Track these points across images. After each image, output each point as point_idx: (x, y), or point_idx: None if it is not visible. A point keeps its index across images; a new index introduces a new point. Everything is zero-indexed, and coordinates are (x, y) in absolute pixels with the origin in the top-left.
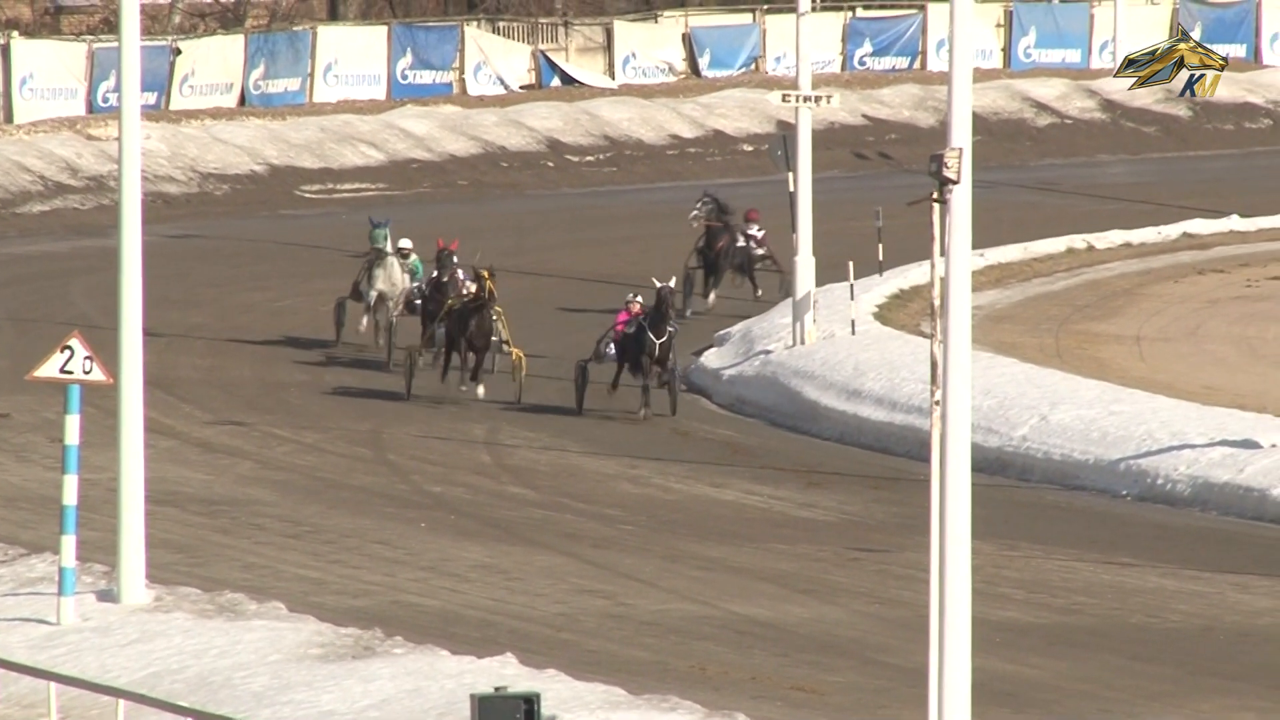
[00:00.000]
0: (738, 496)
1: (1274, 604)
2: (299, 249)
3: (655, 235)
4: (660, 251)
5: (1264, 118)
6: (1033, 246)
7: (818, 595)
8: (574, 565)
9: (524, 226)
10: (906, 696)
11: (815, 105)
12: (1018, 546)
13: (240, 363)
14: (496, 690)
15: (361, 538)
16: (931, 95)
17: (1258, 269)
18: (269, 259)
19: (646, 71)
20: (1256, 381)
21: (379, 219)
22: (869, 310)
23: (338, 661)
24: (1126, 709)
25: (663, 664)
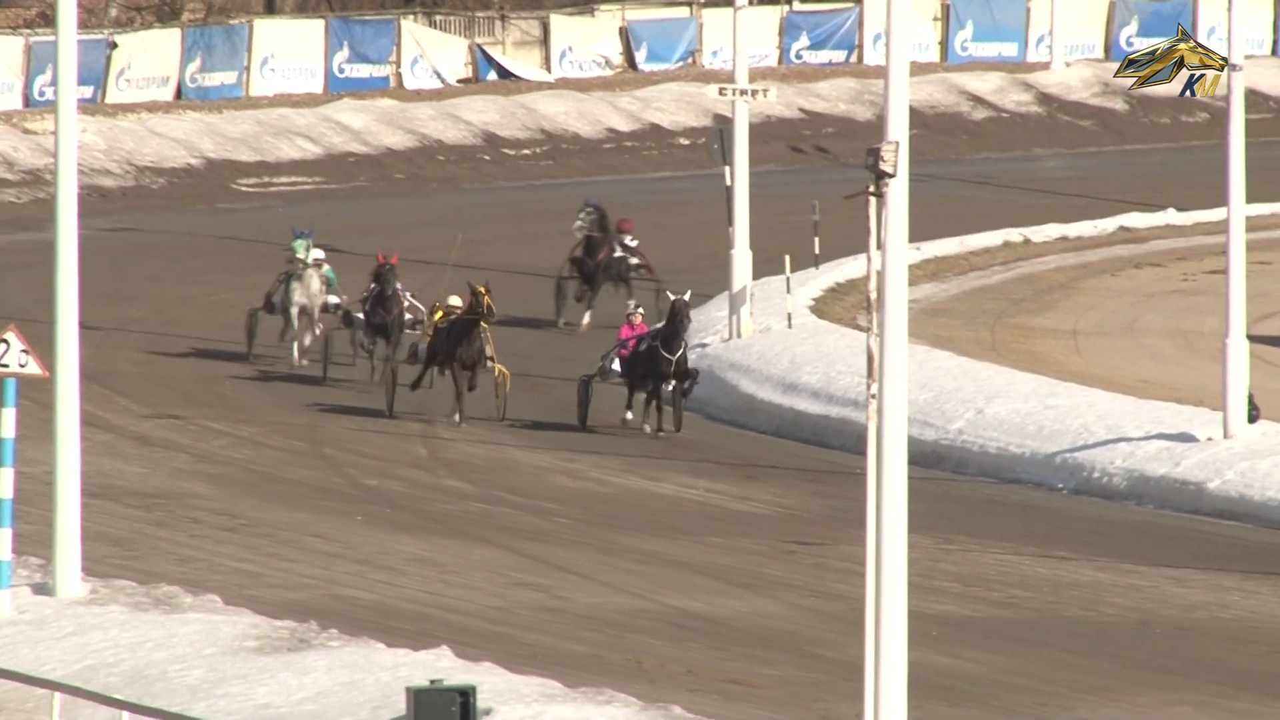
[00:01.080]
0: (674, 490)
1: (1210, 598)
2: (235, 243)
3: None
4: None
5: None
6: (969, 240)
7: (754, 589)
8: (510, 558)
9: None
10: (842, 690)
11: (752, 99)
12: (954, 540)
13: (176, 356)
14: (432, 683)
15: (297, 531)
16: (868, 89)
17: (1194, 263)
18: (205, 253)
19: (583, 65)
20: (1192, 375)
21: (301, 229)
22: (805, 304)
23: (273, 654)
24: (1063, 703)
25: (598, 657)
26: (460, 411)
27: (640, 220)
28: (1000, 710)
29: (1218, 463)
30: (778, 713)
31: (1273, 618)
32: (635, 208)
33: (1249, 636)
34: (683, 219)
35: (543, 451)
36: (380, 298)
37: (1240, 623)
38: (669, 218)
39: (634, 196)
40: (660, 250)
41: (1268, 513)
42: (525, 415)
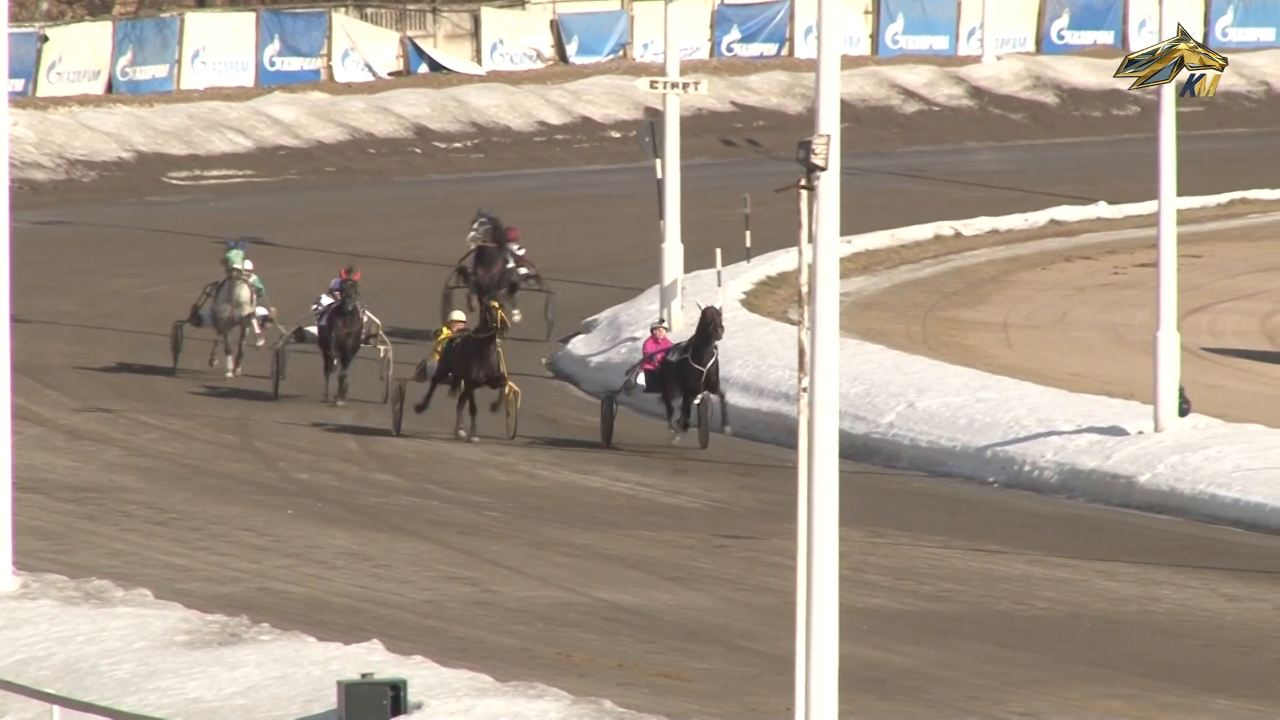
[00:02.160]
0: (605, 483)
1: (1140, 591)
2: (167, 236)
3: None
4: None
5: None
6: (900, 233)
7: (684, 582)
8: (441, 552)
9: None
10: (773, 683)
11: (683, 92)
12: (885, 534)
13: (108, 350)
14: (363, 677)
15: (228, 525)
16: (799, 82)
17: (1125, 256)
18: (137, 246)
19: (514, 58)
20: (1123, 368)
21: (234, 240)
22: (736, 297)
23: (204, 648)
24: (993, 696)
25: (529, 651)
26: (473, 427)
27: (571, 213)
28: (931, 703)
29: (1149, 456)
30: (708, 706)
31: (1203, 611)
32: (566, 200)
33: (1180, 630)
34: (613, 212)
35: (473, 445)
36: (339, 311)
37: (1171, 616)
38: (600, 211)
39: (565, 189)
40: (591, 244)
41: (1198, 506)
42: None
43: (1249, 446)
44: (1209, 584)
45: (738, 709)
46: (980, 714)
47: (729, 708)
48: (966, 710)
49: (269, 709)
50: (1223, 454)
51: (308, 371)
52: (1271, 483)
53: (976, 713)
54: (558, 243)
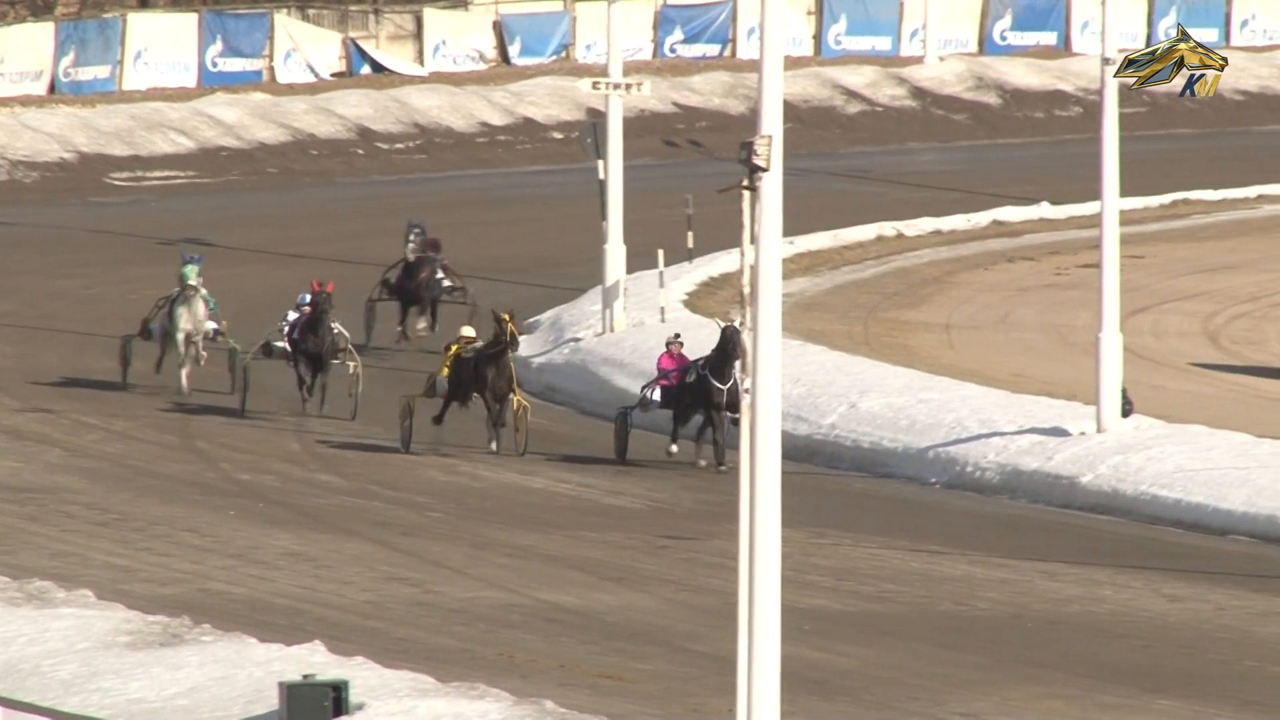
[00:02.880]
0: (547, 484)
1: (1082, 592)
2: (109, 237)
3: (465, 223)
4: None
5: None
6: (843, 234)
7: (627, 583)
8: (383, 553)
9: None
10: (715, 684)
11: (626, 93)
12: (827, 534)
13: (50, 350)
14: (305, 678)
15: (170, 525)
16: (742, 82)
17: (1067, 257)
18: (79, 247)
19: (457, 59)
20: (1066, 369)
21: (190, 254)
22: (679, 298)
23: (146, 649)
24: (935, 697)
25: (471, 652)
26: (497, 439)
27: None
28: (872, 704)
29: (1090, 457)
30: (650, 707)
31: (1144, 612)
32: (509, 202)
33: (1121, 631)
34: (556, 213)
35: (415, 445)
36: (312, 325)
37: (1112, 617)
38: (542, 212)
39: (507, 190)
40: (533, 244)
41: (1140, 507)
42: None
43: (1191, 447)
44: (1150, 584)
45: (680, 710)
46: (922, 715)
47: (671, 709)
48: (908, 711)
49: (211, 710)
50: (1165, 455)
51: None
52: (1213, 483)
53: (918, 713)
54: (500, 244)
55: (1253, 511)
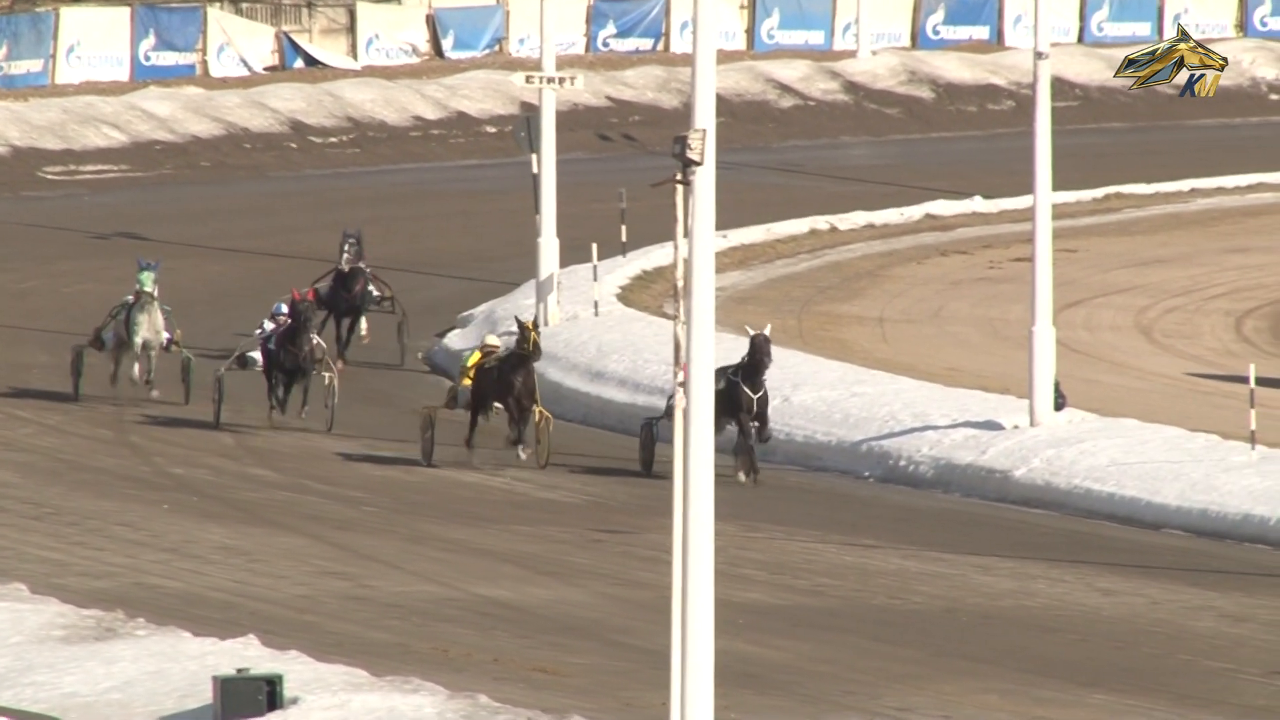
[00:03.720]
0: (480, 479)
1: (1016, 586)
2: (42, 230)
3: (397, 216)
4: (404, 235)
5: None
6: (776, 228)
7: (560, 577)
8: (317, 547)
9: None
10: (649, 678)
11: (559, 87)
12: (760, 528)
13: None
14: (239, 672)
15: (104, 519)
16: (675, 77)
17: (1000, 250)
18: (11, 241)
19: (390, 53)
20: (999, 363)
21: (147, 261)
22: (612, 292)
23: (80, 643)
24: (870, 690)
25: (405, 646)
26: (523, 446)
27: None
28: (806, 698)
29: (1024, 450)
30: (584, 701)
31: (1078, 606)
32: (442, 195)
33: (1055, 624)
34: (490, 207)
35: (349, 440)
36: (292, 335)
37: (1046, 610)
38: (476, 206)
39: (441, 185)
40: (467, 238)
41: (1073, 501)
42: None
43: (1124, 441)
44: (1084, 578)
45: (614, 704)
46: (856, 709)
47: (605, 703)
48: (842, 705)
49: (145, 704)
50: (1098, 448)
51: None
52: (1146, 477)
53: (852, 708)
54: (433, 238)
55: (1186, 505)
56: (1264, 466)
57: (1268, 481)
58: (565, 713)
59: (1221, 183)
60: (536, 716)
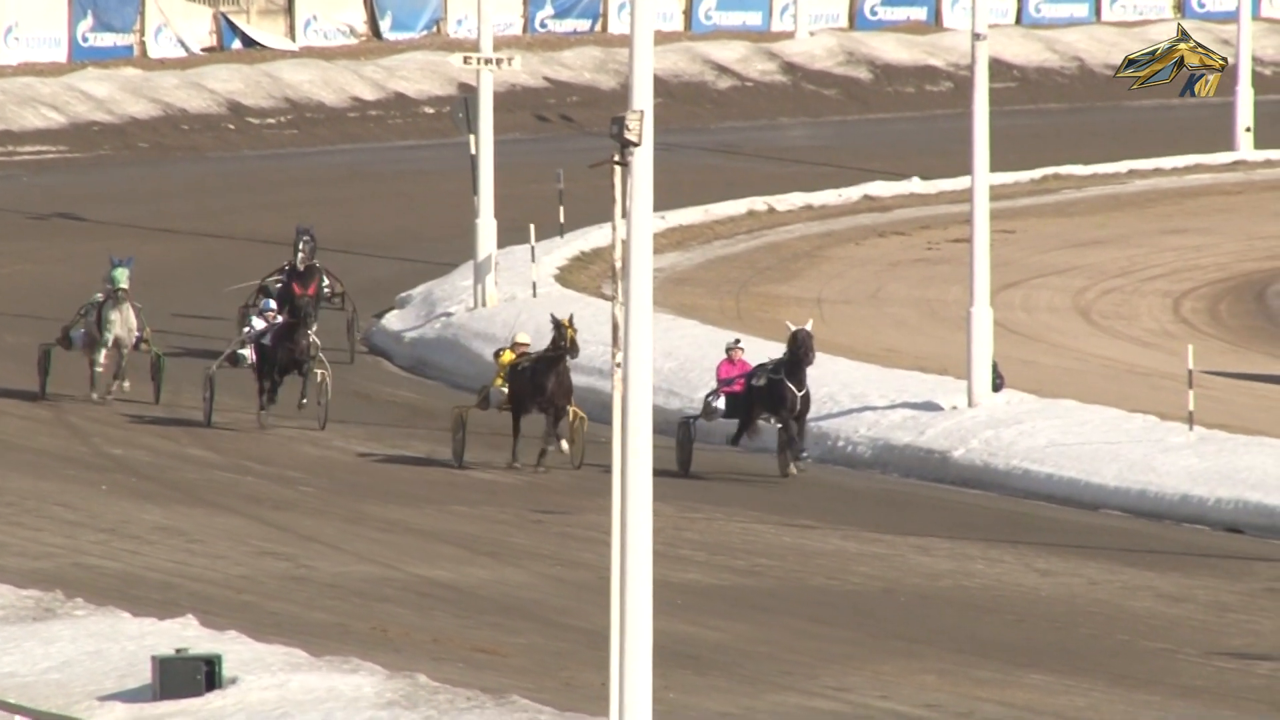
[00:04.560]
0: (419, 459)
1: (954, 566)
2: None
3: (335, 198)
4: (341, 214)
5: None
6: (714, 209)
7: (499, 557)
8: (255, 527)
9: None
10: (588, 658)
11: (497, 68)
12: (699, 509)
13: None
14: (178, 652)
15: (41, 500)
16: (613, 58)
17: (938, 231)
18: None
19: (328, 34)
20: (937, 344)
21: (120, 258)
22: (550, 272)
23: (18, 623)
24: (808, 671)
25: (344, 626)
26: (557, 446)
27: (385, 189)
28: (745, 678)
29: (962, 431)
30: (524, 681)
31: (1016, 587)
32: (380, 176)
33: (993, 605)
34: (427, 188)
35: (287, 420)
36: (289, 331)
37: (984, 591)
38: (414, 187)
39: (379, 165)
40: (405, 219)
41: (1012, 481)
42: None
43: (1062, 422)
44: (1022, 559)
45: (553, 683)
46: (794, 689)
47: (544, 682)
48: (780, 685)
49: (84, 683)
50: (1036, 429)
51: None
52: (1084, 458)
53: (791, 688)
54: (371, 219)
55: (1124, 486)
56: (1202, 447)
57: (1205, 462)
58: (505, 693)
59: (1159, 164)
60: (476, 696)
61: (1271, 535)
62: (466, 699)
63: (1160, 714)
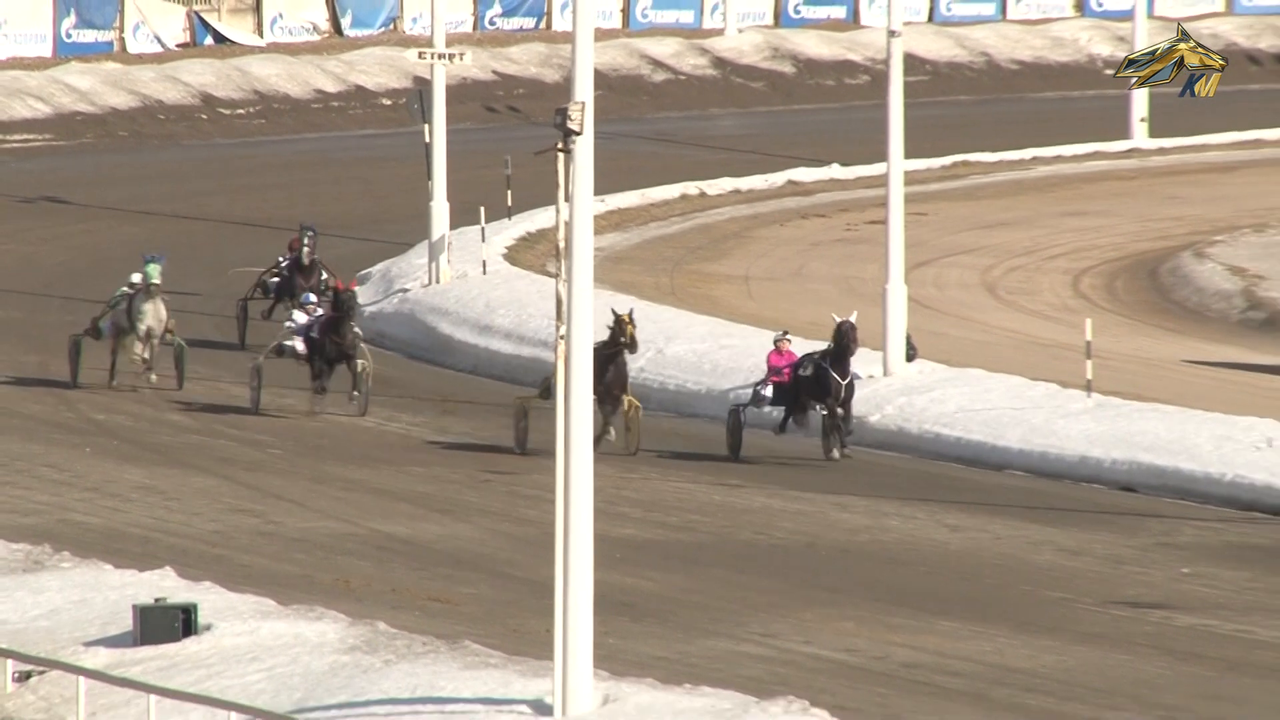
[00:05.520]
0: (377, 423)
1: (871, 522)
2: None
3: (300, 182)
4: (305, 198)
5: (862, 74)
6: (650, 193)
7: (452, 514)
8: (228, 487)
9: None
10: (534, 607)
11: (449, 62)
12: (636, 469)
13: None
14: (156, 601)
15: (31, 461)
16: (556, 53)
17: (856, 214)
18: None
19: (293, 31)
20: (856, 318)
21: (152, 254)
22: (499, 252)
23: (9, 575)
24: (735, 619)
25: (309, 577)
26: (614, 432)
27: (346, 174)
28: (678, 626)
29: (878, 398)
30: (475, 628)
31: (928, 541)
32: (341, 163)
33: (906, 558)
34: (385, 174)
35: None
36: (335, 324)
37: (899, 545)
38: (373, 172)
39: (340, 153)
40: (365, 202)
41: (924, 444)
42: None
43: (970, 389)
44: (934, 516)
45: (502, 630)
46: (723, 635)
47: (494, 629)
48: (711, 632)
49: (70, 630)
50: (946, 396)
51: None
52: (991, 422)
53: (720, 634)
54: (334, 202)
55: (1028, 449)
56: (1099, 413)
57: (1102, 426)
58: (457, 638)
59: (1061, 151)
60: (431, 642)
61: (1163, 494)
62: (422, 644)
63: (1060, 658)
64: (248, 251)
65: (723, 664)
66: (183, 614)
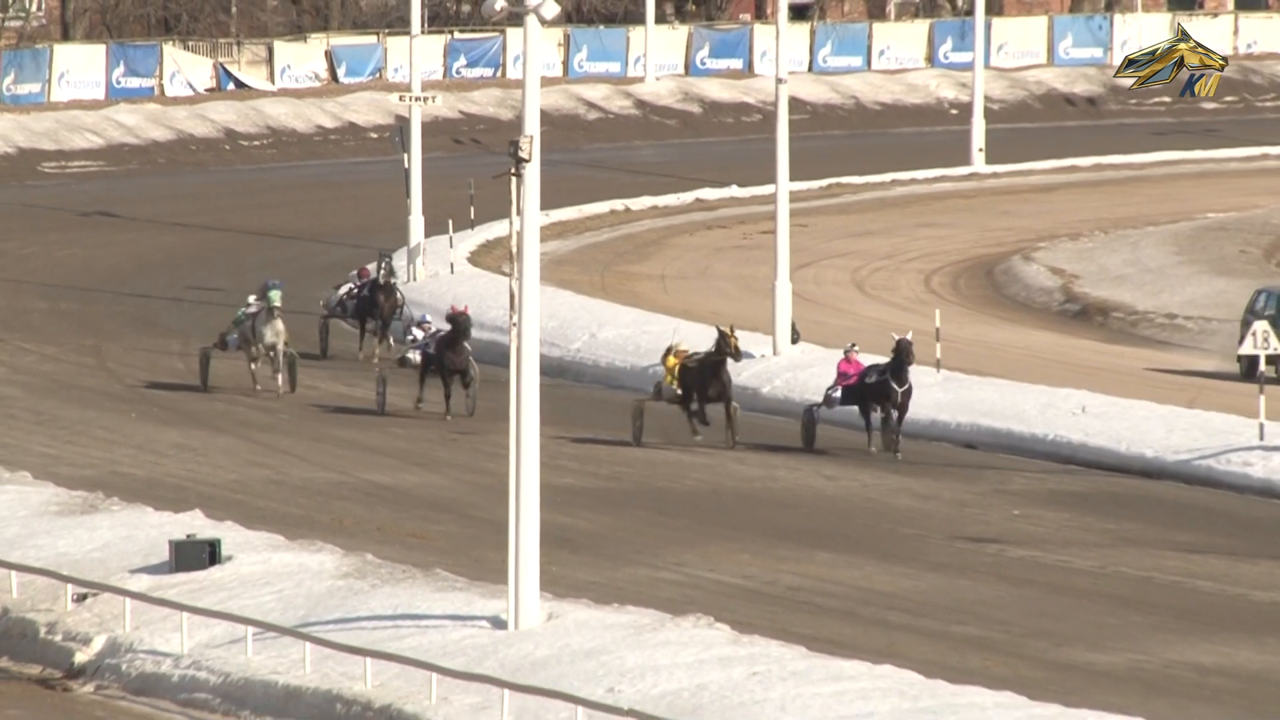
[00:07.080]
0: (365, 394)
1: (764, 473)
2: (39, 210)
3: (304, 200)
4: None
5: (756, 113)
6: (585, 208)
7: (427, 466)
8: (245, 445)
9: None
10: (493, 542)
11: (424, 104)
12: (573, 431)
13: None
14: (188, 537)
15: (88, 424)
16: (510, 96)
17: (752, 226)
18: (16, 218)
19: (299, 78)
20: (751, 309)
21: (273, 281)
22: (464, 255)
23: (69, 516)
24: (654, 551)
25: (311, 518)
26: (699, 428)
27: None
28: (608, 557)
29: (769, 373)
30: (445, 559)
31: (809, 488)
32: (337, 184)
33: (792, 502)
34: (372, 193)
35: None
36: (452, 343)
37: (787, 492)
38: (362, 191)
39: (336, 176)
40: (355, 216)
41: None
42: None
43: None
44: (814, 468)
45: (467, 561)
46: (644, 564)
47: (460, 560)
48: (634, 561)
49: (119, 560)
50: (824, 372)
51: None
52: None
53: (641, 563)
54: (330, 216)
55: None
56: (946, 385)
57: (949, 395)
58: (430, 567)
59: (915, 175)
60: (409, 570)
61: (998, 451)
62: (403, 572)
63: (915, 583)
64: (262, 257)
65: (644, 588)
66: (209, 547)
